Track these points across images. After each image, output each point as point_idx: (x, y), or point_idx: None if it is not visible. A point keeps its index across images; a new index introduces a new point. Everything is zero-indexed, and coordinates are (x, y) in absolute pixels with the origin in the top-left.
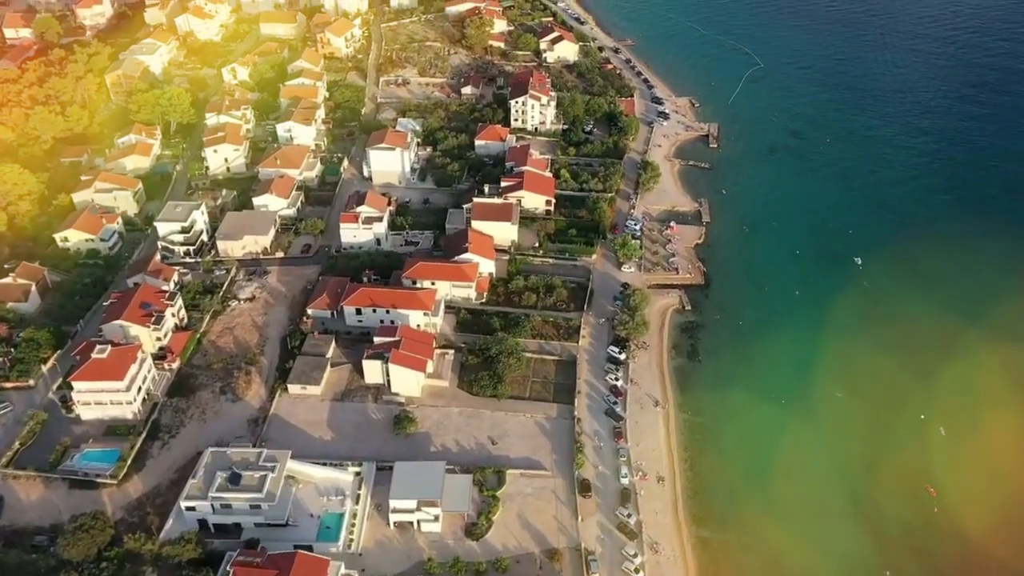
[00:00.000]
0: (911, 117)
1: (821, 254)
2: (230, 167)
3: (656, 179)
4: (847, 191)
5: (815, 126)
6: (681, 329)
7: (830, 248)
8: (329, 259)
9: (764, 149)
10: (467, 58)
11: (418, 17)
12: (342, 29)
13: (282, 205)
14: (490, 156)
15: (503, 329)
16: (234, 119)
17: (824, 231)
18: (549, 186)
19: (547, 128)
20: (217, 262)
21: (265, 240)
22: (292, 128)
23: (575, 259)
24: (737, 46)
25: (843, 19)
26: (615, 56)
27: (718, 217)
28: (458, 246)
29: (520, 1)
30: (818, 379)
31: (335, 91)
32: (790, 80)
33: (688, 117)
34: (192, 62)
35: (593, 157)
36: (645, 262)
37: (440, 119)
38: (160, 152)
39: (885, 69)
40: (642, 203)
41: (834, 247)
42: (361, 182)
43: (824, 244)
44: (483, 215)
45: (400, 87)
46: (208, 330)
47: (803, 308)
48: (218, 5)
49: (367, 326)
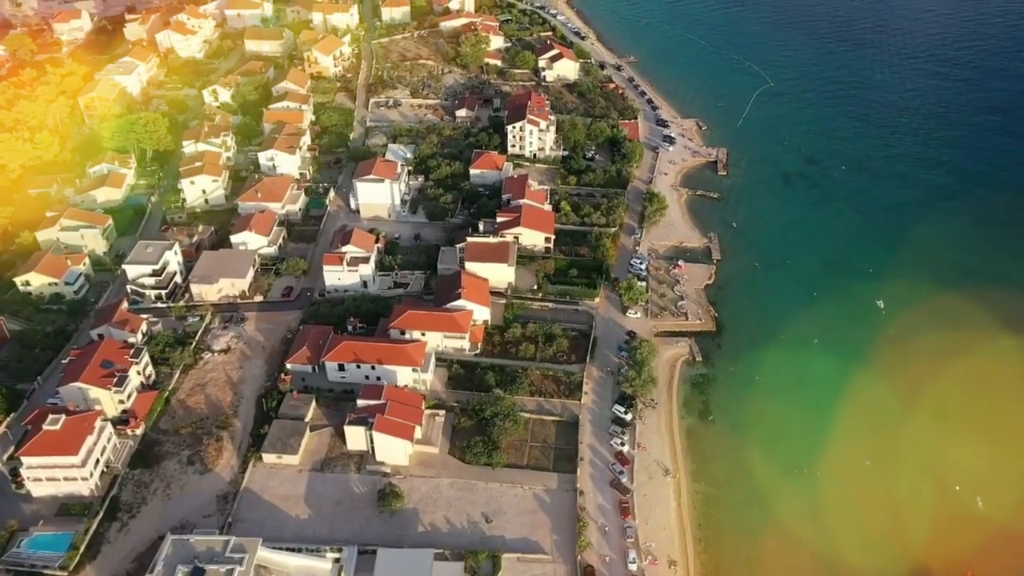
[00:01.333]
0: (929, 143)
1: (840, 296)
2: (208, 199)
3: (662, 211)
4: (865, 224)
5: (829, 151)
6: (692, 384)
7: (850, 289)
8: (311, 304)
9: (776, 177)
10: (462, 77)
11: (411, 33)
12: (330, 47)
13: (262, 243)
14: (485, 186)
15: (499, 385)
16: (213, 147)
17: (843, 270)
18: (548, 221)
19: (546, 155)
20: (190, 308)
21: (243, 283)
22: (275, 157)
23: (576, 303)
24: (745, 63)
25: (854, 38)
26: (617, 74)
27: (729, 254)
28: (450, 291)
29: (518, 15)
30: (843, 444)
31: (322, 114)
32: (801, 100)
33: (695, 141)
34: (173, 81)
35: (595, 187)
36: (652, 306)
37: (433, 145)
38: (135, 182)
39: (899, 89)
40: (647, 238)
41: (854, 288)
42: (348, 215)
43: (843, 285)
44: (477, 256)
45: (391, 109)
46: (178, 387)
47: (823, 360)
48: (201, 20)
49: (351, 382)
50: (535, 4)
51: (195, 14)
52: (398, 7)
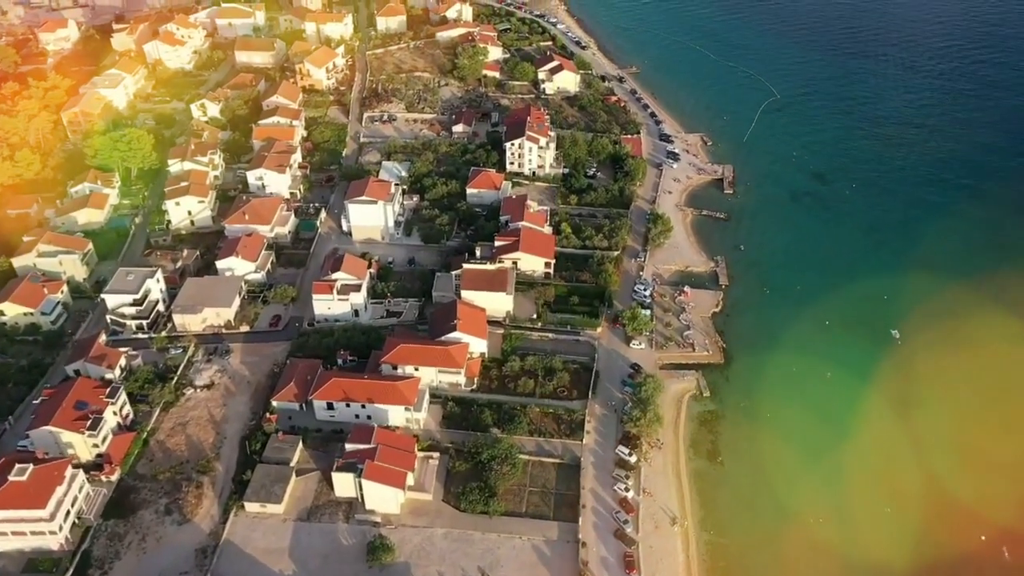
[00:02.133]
0: (941, 161)
1: (853, 325)
2: (194, 221)
3: (667, 234)
4: (878, 246)
5: (839, 167)
6: (700, 421)
7: (863, 317)
8: (300, 336)
9: (784, 195)
10: (459, 90)
11: (407, 43)
12: (323, 59)
13: (249, 268)
14: (483, 206)
15: (496, 423)
16: (200, 166)
17: (855, 296)
18: (548, 246)
19: (546, 172)
20: (173, 339)
21: (228, 312)
22: (264, 176)
23: (578, 332)
24: (750, 74)
25: (861, 50)
26: (619, 86)
27: (736, 278)
28: (446, 322)
29: (517, 24)
30: (861, 488)
31: (314, 130)
32: (809, 114)
33: (700, 157)
34: (161, 94)
35: (597, 207)
36: (657, 336)
37: (428, 163)
38: (118, 202)
39: (908, 103)
40: (652, 262)
41: (867, 316)
42: (340, 237)
43: (856, 312)
44: (474, 284)
45: (385, 124)
46: (157, 427)
47: (837, 396)
48: (191, 30)
49: (340, 421)
50: (534, 12)
51: (184, 24)
52: (393, 16)
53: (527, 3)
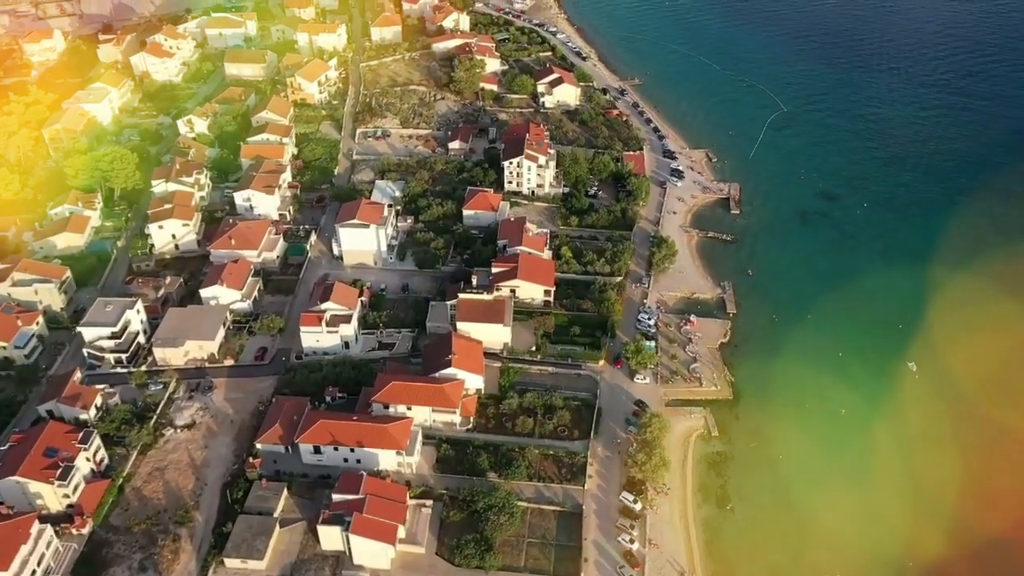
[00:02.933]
0: (954, 180)
1: (868, 357)
2: (179, 245)
3: (672, 258)
4: (892, 270)
5: (849, 186)
6: (708, 463)
7: (878, 347)
8: (287, 371)
9: (793, 216)
10: (455, 104)
11: (402, 55)
12: (315, 72)
13: (235, 297)
14: (480, 228)
15: (493, 467)
16: (185, 187)
17: (869, 324)
18: (548, 272)
19: (545, 192)
20: (153, 373)
21: (212, 345)
22: (252, 197)
23: (579, 366)
24: (755, 86)
25: (869, 62)
26: (621, 99)
27: (745, 306)
28: (440, 357)
29: (515, 34)
30: (879, 539)
31: (305, 147)
32: (817, 128)
33: (705, 175)
34: (147, 108)
35: (599, 229)
36: (662, 369)
37: (423, 182)
38: (100, 224)
39: (919, 119)
40: (656, 288)
41: (882, 346)
42: (330, 262)
43: (870, 342)
44: (470, 315)
45: (379, 141)
46: (133, 473)
47: (851, 435)
48: (179, 41)
49: (328, 465)
50: (533, 21)
51: (173, 34)
52: (388, 27)
53: (526, 12)
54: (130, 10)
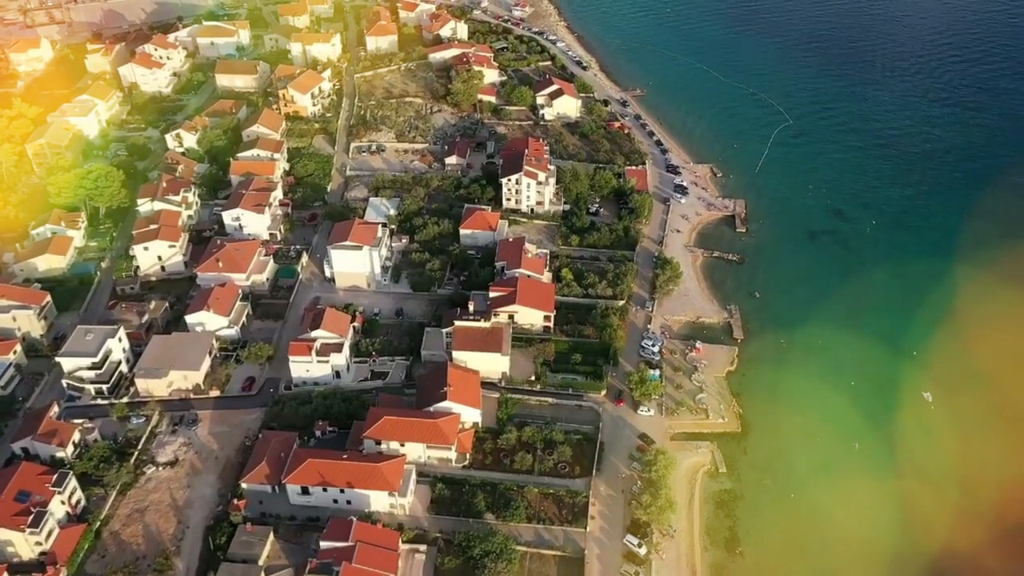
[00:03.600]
0: (967, 197)
1: (881, 386)
2: (165, 267)
3: (676, 280)
4: (904, 293)
5: (857, 202)
6: (716, 503)
7: (891, 376)
8: (275, 403)
9: (801, 234)
10: (453, 117)
11: (397, 66)
12: (308, 84)
13: (222, 324)
14: (477, 247)
15: (490, 508)
16: (172, 206)
17: (881, 351)
18: (548, 296)
19: (545, 210)
20: (135, 405)
21: (197, 375)
22: (242, 216)
23: (581, 396)
24: (760, 97)
25: (877, 73)
26: (623, 110)
27: (752, 331)
28: (435, 390)
29: (514, 43)
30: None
31: (297, 163)
32: (824, 141)
33: (710, 191)
34: (136, 121)
35: (600, 248)
36: (667, 400)
37: (419, 199)
38: (84, 243)
39: (930, 133)
40: (660, 312)
41: (896, 374)
42: (322, 285)
43: (883, 370)
44: (467, 344)
45: (374, 155)
46: (111, 515)
47: (866, 471)
48: (170, 51)
49: (317, 506)
50: (533, 29)
51: (163, 44)
52: (384, 36)
53: (525, 20)
54: (120, 18)
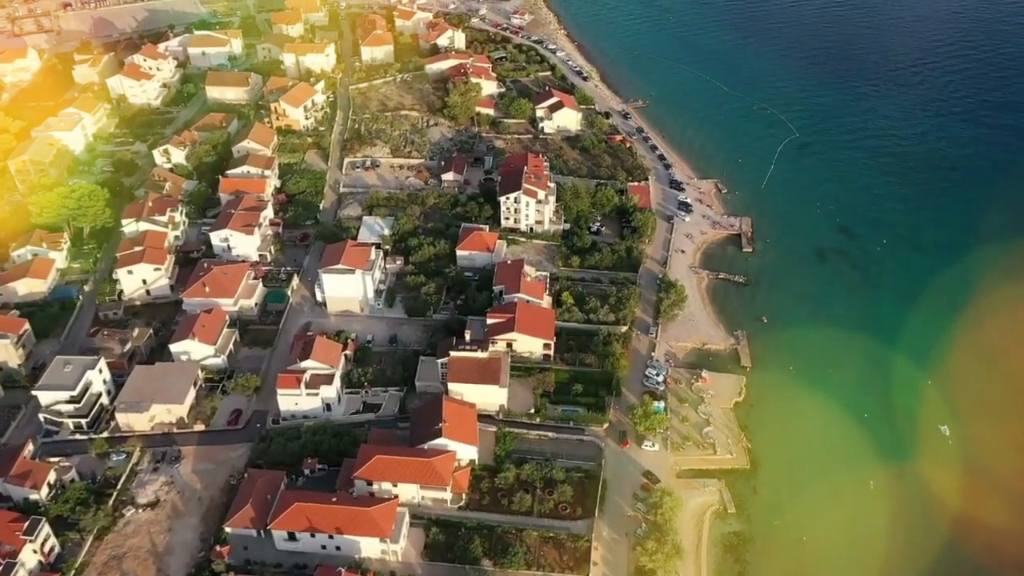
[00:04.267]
0: (981, 213)
1: (895, 417)
2: (150, 290)
3: (681, 304)
4: (917, 318)
5: (867, 219)
6: (725, 546)
7: (906, 407)
8: (262, 439)
9: (809, 254)
10: (449, 130)
11: (393, 77)
12: (301, 97)
13: (207, 353)
14: (474, 269)
15: (487, 553)
16: (158, 226)
17: (895, 380)
18: (548, 323)
19: (545, 229)
20: (116, 440)
21: (181, 409)
22: (230, 237)
23: (582, 430)
24: (766, 108)
25: (889, 86)
26: (624, 123)
27: (760, 358)
28: (429, 425)
29: (513, 52)
30: None
31: (288, 179)
32: (831, 155)
33: (715, 208)
34: (123, 135)
35: (602, 269)
36: (672, 434)
37: (414, 218)
38: (67, 265)
39: (942, 146)
40: (664, 338)
41: (910, 406)
42: (313, 309)
43: (897, 401)
44: (463, 375)
45: (368, 171)
46: (87, 563)
47: (883, 512)
48: (159, 62)
49: (305, 551)
50: (532, 38)
51: (152, 54)
52: (380, 46)
53: (524, 28)
54: (110, 26)
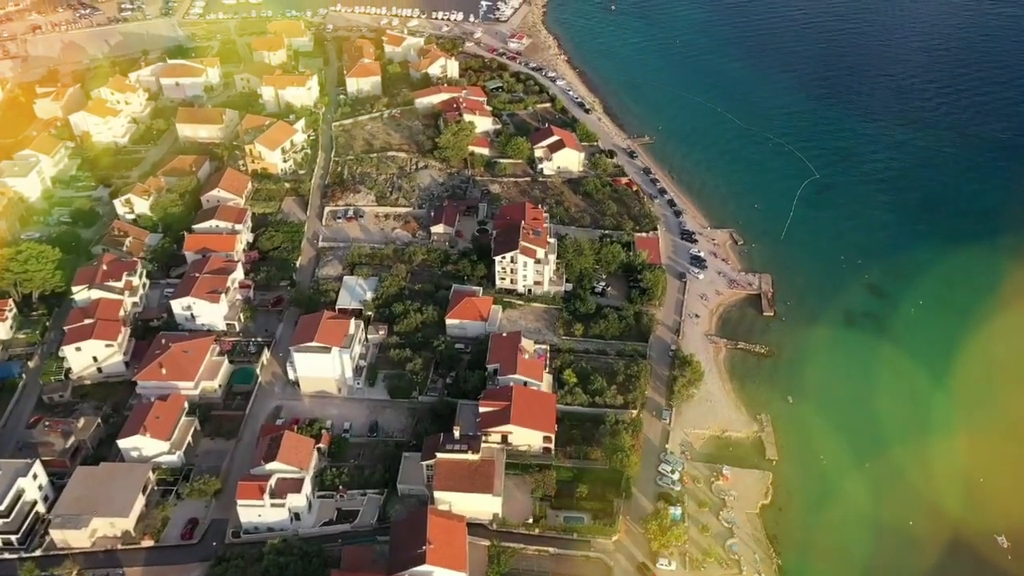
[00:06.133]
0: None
1: (945, 526)
2: (102, 368)
3: (697, 382)
4: (959, 401)
5: (898, 275)
6: None
7: (957, 512)
8: (218, 561)
9: (837, 318)
10: (440, 173)
11: (380, 112)
12: (279, 138)
13: (161, 449)
14: (467, 340)
15: None
16: (112, 293)
17: (940, 477)
18: (548, 411)
19: (544, 291)
20: (49, 562)
21: (126, 522)
22: (193, 305)
23: (588, 542)
24: (782, 144)
25: (918, 118)
26: (630, 163)
27: (787, 447)
28: (411, 547)
29: (510, 82)
30: None
31: (262, 233)
32: (856, 200)
33: (731, 262)
34: (86, 178)
35: (608, 340)
36: (691, 546)
37: (400, 278)
38: (11, 336)
39: (977, 189)
40: (679, 423)
41: (961, 510)
42: (285, 389)
43: (946, 503)
44: (451, 482)
45: (351, 222)
46: None
47: None
48: (128, 95)
49: None
50: (530, 65)
51: (120, 87)
52: (367, 77)
53: (522, 53)
54: (81, 51)
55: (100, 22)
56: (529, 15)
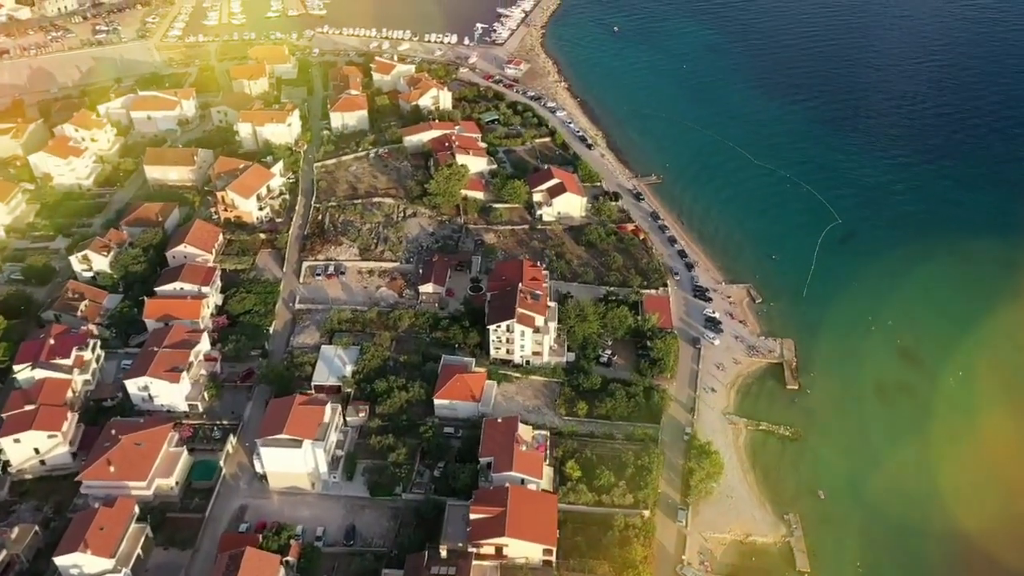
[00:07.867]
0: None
1: None
2: (46, 460)
3: (716, 476)
4: (1009, 489)
5: (933, 340)
6: None
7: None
8: None
9: (868, 392)
10: (430, 221)
11: (366, 151)
12: (254, 184)
13: (104, 567)
14: (457, 421)
15: None
16: (60, 373)
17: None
18: (548, 518)
19: (544, 361)
20: None
21: None
22: (151, 385)
23: None
24: (800, 184)
25: (942, 148)
26: (636, 207)
27: (820, 554)
28: None
29: (507, 113)
30: None
31: (232, 295)
32: (883, 247)
33: (749, 324)
34: (43, 227)
35: (616, 421)
36: None
37: (384, 348)
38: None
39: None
40: (696, 524)
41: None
42: (251, 484)
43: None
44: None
45: (331, 280)
46: None
47: None
48: (93, 131)
49: None
50: (528, 93)
51: (85, 123)
52: (352, 111)
53: (520, 80)
54: (49, 79)
55: (73, 46)
56: (527, 37)
